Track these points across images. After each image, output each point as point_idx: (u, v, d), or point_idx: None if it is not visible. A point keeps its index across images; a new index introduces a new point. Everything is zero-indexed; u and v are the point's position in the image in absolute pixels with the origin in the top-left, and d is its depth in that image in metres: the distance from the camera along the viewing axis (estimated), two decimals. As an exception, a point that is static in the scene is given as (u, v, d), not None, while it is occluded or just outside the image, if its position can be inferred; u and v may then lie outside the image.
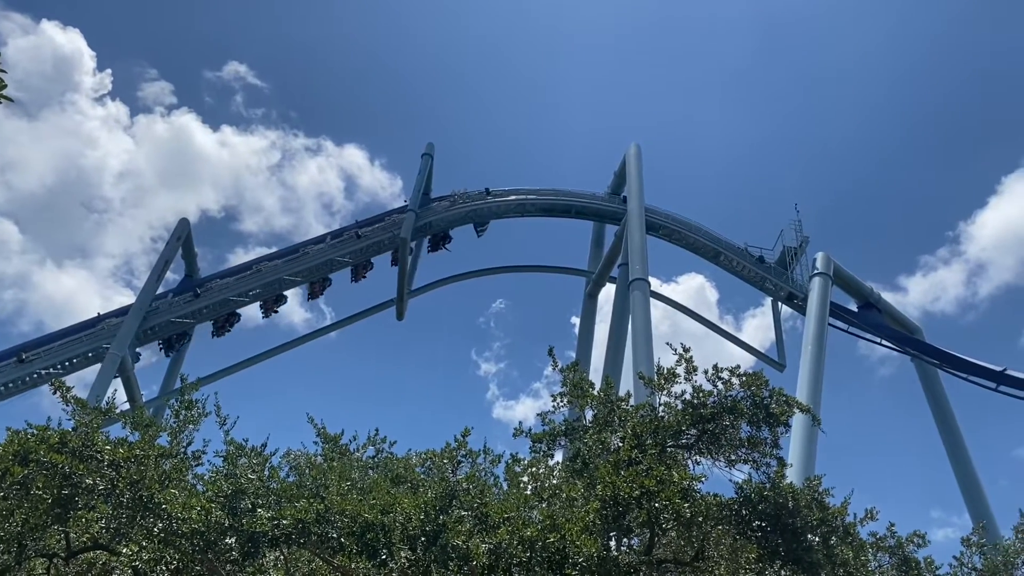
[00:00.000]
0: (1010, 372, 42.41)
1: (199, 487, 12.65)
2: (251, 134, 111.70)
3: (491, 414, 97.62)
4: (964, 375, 43.34)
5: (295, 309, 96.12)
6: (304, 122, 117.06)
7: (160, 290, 40.44)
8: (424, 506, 11.53)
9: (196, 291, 40.58)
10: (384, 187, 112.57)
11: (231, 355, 43.45)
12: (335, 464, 14.10)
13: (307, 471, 13.53)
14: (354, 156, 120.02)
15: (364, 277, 44.30)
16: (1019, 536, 16.03)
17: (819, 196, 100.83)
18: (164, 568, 11.21)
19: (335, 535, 11.12)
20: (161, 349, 40.93)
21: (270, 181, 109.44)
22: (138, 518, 11.37)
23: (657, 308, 39.32)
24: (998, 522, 32.17)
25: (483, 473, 15.42)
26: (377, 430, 17.07)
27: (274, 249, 45.11)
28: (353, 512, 11.22)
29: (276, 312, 43.55)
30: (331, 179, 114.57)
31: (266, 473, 12.31)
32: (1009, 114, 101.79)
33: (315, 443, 15.65)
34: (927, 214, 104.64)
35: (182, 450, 13.74)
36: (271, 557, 13.08)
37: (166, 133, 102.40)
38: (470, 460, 15.10)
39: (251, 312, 43.18)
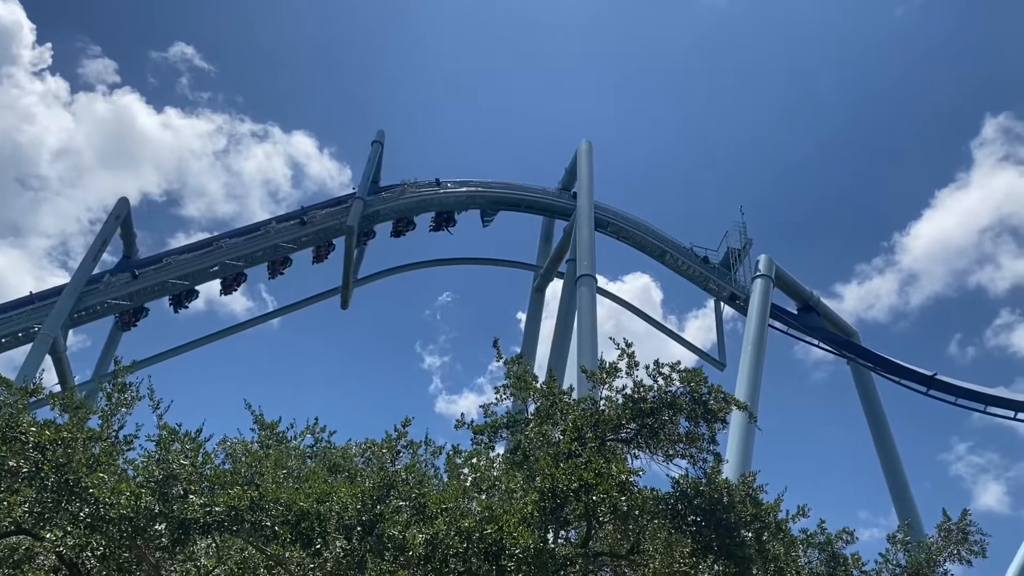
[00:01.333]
0: (940, 377, 43.92)
1: (130, 472, 12.31)
2: (196, 117, 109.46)
3: (434, 408, 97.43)
4: (896, 379, 44.69)
5: (236, 298, 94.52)
6: (251, 107, 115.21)
7: (97, 271, 39.41)
8: (361, 496, 11.41)
9: (134, 272, 39.58)
10: (333, 176, 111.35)
11: (168, 341, 42.49)
12: (271, 452, 13.87)
13: (242, 458, 13.29)
14: (303, 144, 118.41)
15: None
16: (942, 534, 16.51)
17: (763, 201, 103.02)
18: (90, 554, 10.90)
19: (269, 523, 10.93)
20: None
21: (215, 166, 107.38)
22: (64, 503, 11.01)
23: (603, 306, 39.69)
24: (923, 522, 33.18)
25: (424, 464, 15.35)
26: (317, 419, 16.88)
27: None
28: (288, 500, 11.05)
29: (236, 290, 42.82)
30: (278, 166, 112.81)
31: (200, 459, 12.03)
32: (945, 130, 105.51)
33: (252, 430, 15.40)
34: (865, 225, 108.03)
35: (113, 434, 13.36)
36: (203, 544, 12.83)
37: (108, 112, 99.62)
38: (411, 451, 15.02)
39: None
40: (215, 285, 42.04)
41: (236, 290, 43.11)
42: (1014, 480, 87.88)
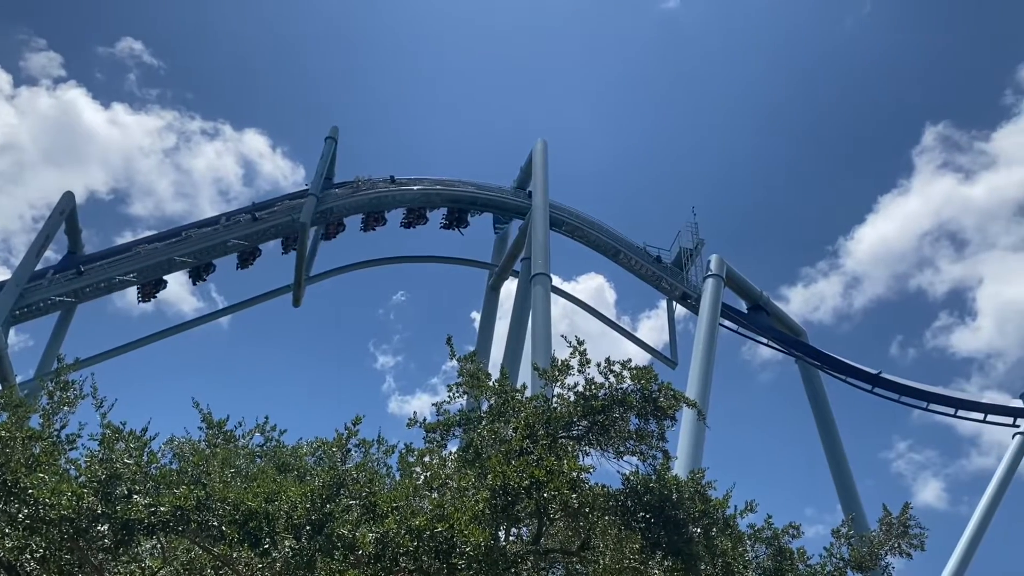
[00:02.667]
0: (885, 375, 45.08)
1: (72, 472, 12.02)
2: (145, 114, 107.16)
3: (387, 408, 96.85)
4: (843, 377, 45.70)
5: (185, 297, 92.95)
6: (202, 104, 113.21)
7: (41, 267, 38.35)
8: (310, 495, 11.30)
9: (79, 268, 38.59)
10: (286, 176, 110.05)
11: (114, 339, 41.59)
12: (219, 450, 13.66)
13: (189, 457, 13.06)
14: (255, 142, 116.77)
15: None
16: (883, 529, 16.90)
17: (714, 204, 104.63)
18: (29, 556, 10.64)
19: (216, 523, 10.76)
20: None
21: (163, 164, 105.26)
22: (1, 504, 10.71)
23: (557, 305, 39.89)
24: (868, 518, 33.98)
25: (375, 463, 15.26)
26: (267, 418, 16.67)
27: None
28: (236, 500, 10.89)
29: (155, 297, 41.98)
30: (229, 165, 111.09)
31: (145, 458, 11.80)
32: (889, 138, 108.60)
33: (199, 429, 15.14)
34: (811, 229, 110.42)
35: (55, 433, 13.03)
36: (147, 545, 12.60)
37: (52, 107, 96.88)
38: (362, 450, 14.91)
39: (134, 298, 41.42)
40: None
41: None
42: (952, 476, 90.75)
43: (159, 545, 12.29)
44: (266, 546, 10.81)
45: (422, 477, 14.99)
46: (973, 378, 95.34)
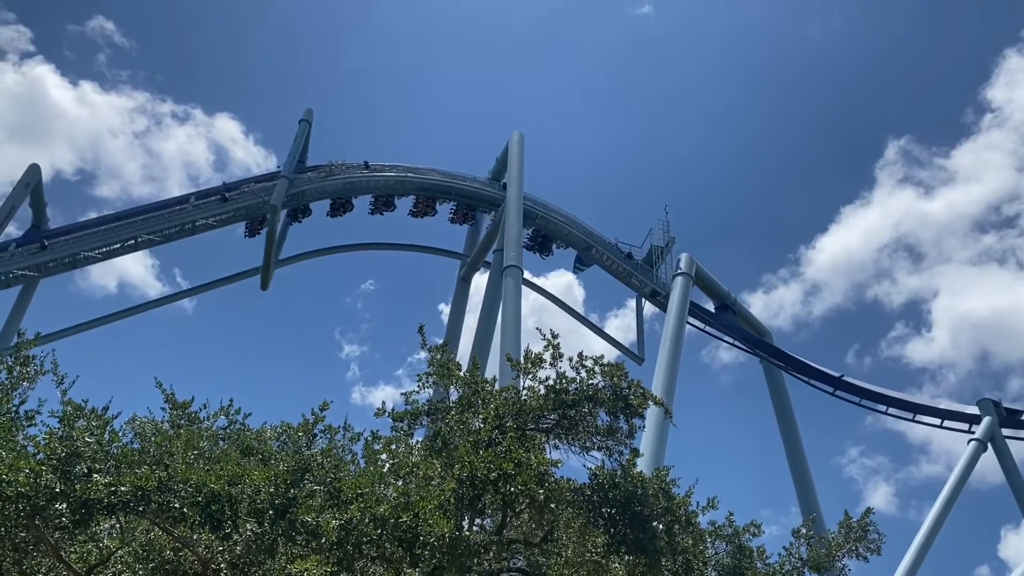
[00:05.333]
0: (846, 378, 45.73)
1: (30, 449, 11.77)
2: (115, 94, 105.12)
3: (349, 398, 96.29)
4: (806, 379, 46.28)
5: (150, 282, 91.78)
6: (173, 87, 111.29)
7: (2, 239, 37.58)
8: (274, 479, 11.17)
9: (43, 242, 37.89)
10: (259, 163, 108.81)
11: (76, 318, 40.73)
12: (182, 431, 13.46)
13: (152, 437, 12.85)
14: (227, 127, 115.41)
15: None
16: (843, 531, 17.16)
17: (682, 207, 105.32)
18: (-17, 534, 10.41)
19: (177, 504, 10.59)
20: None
21: (132, 146, 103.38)
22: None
23: (526, 302, 39.76)
24: (825, 520, 34.44)
25: (341, 450, 15.14)
26: (231, 401, 16.44)
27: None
28: (198, 481, 10.73)
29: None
30: (200, 150, 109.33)
31: (107, 437, 11.58)
32: (853, 150, 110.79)
33: (162, 409, 14.91)
34: (774, 236, 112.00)
35: (13, 409, 12.75)
36: (106, 525, 12.39)
37: (18, 83, 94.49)
38: (328, 436, 14.78)
39: (101, 280, 40.79)
40: (129, 264, 40.67)
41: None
42: (902, 482, 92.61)
43: (118, 525, 12.10)
44: (227, 529, 10.68)
45: (387, 465, 14.91)
46: (925, 387, 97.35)
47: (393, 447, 15.52)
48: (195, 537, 11.08)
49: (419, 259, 51.22)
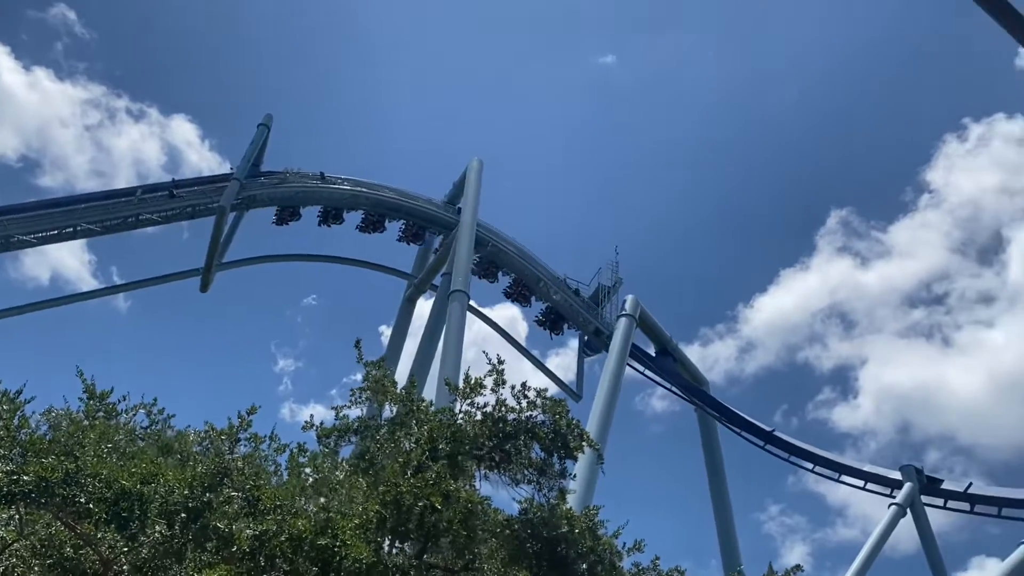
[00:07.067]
0: (777, 433, 46.30)
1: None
2: (70, 84, 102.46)
3: (279, 412, 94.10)
4: (738, 430, 46.69)
5: (85, 277, 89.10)
6: (130, 83, 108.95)
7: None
8: (190, 481, 10.67)
9: (-24, 221, 36.39)
10: (213, 169, 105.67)
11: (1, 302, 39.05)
12: (97, 423, 12.83)
13: (64, 426, 12.21)
14: (183, 129, 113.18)
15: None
16: (768, 584, 17.12)
17: (633, 250, 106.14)
18: None
19: (83, 499, 10.02)
20: None
21: (82, 138, 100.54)
22: None
23: (468, 333, 39.28)
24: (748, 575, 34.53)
25: (264, 460, 14.64)
26: (155, 399, 15.79)
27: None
28: (109, 477, 10.18)
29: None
30: (152, 150, 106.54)
31: (16, 422, 10.96)
32: (798, 216, 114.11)
33: (80, 400, 14.21)
34: (715, 292, 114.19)
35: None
36: (4, 516, 11.69)
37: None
38: (253, 444, 14.27)
39: (33, 270, 39.39)
40: (64, 256, 39.41)
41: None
42: (819, 543, 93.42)
43: (17, 516, 11.42)
44: (134, 530, 10.13)
45: (311, 479, 14.44)
46: (848, 452, 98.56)
47: (318, 461, 15.06)
48: (99, 535, 10.51)
49: (364, 278, 50.76)
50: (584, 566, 14.26)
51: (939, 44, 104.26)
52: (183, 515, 10.40)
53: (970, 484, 42.91)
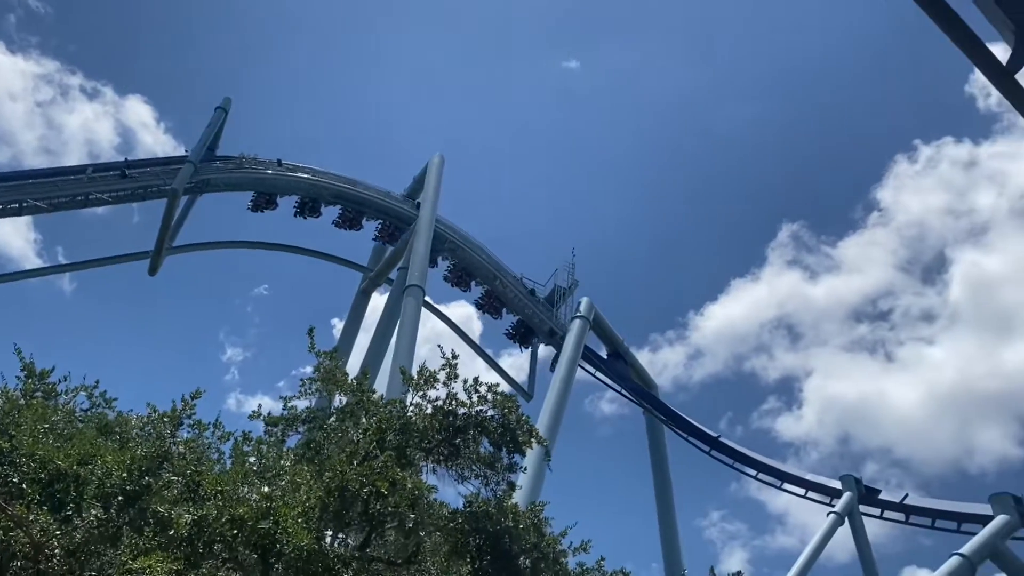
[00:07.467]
0: (723, 440, 46.89)
1: None
2: (22, 57, 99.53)
3: (225, 402, 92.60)
4: (686, 435, 47.19)
5: (29, 256, 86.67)
6: (85, 60, 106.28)
7: None
8: (129, 464, 10.41)
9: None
10: (168, 152, 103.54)
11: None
12: (34, 402, 12.45)
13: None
14: (138, 111, 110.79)
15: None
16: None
17: (590, 254, 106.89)
18: None
19: (17, 479, 9.72)
20: None
21: (33, 114, 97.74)
22: None
23: (422, 330, 39.10)
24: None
25: (207, 447, 14.36)
26: (97, 382, 15.37)
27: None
28: (44, 457, 9.90)
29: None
30: (105, 129, 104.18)
31: (-53, 399, 10.60)
32: (751, 228, 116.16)
33: (17, 378, 13.77)
34: (667, 299, 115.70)
35: None
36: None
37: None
38: (196, 430, 13.99)
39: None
40: (8, 234, 38.24)
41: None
42: (758, 550, 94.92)
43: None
44: (69, 512, 9.85)
45: (255, 467, 14.21)
46: (790, 461, 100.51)
47: (263, 450, 14.83)
48: (31, 518, 10.17)
49: (318, 270, 50.12)
50: (528, 562, 14.26)
51: (895, 66, 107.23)
52: (120, 498, 10.15)
53: (906, 495, 43.91)
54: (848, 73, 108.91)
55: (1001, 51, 7.23)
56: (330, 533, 12.53)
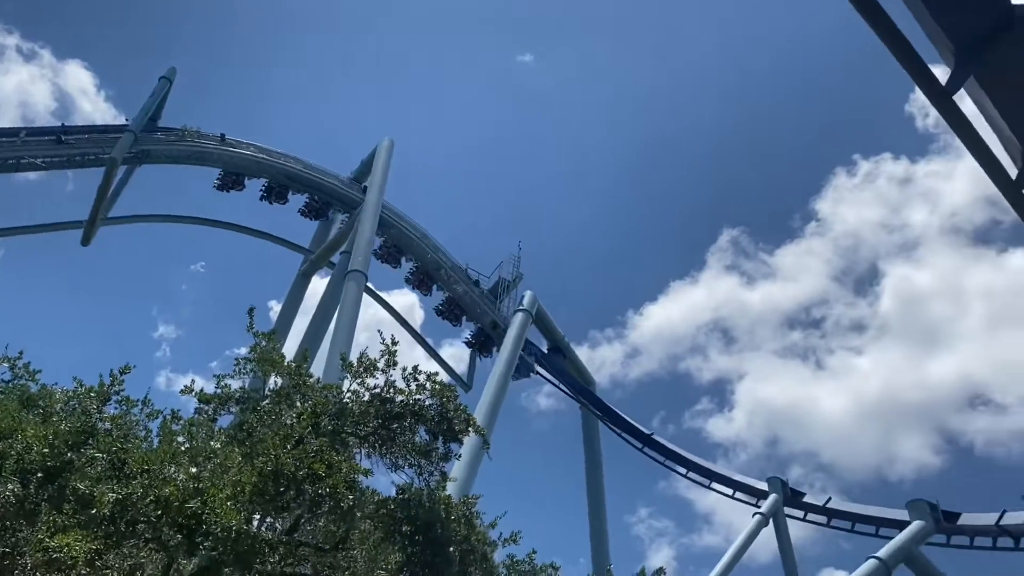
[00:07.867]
0: (655, 437, 47.60)
1: None
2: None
3: (154, 380, 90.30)
4: (620, 431, 47.75)
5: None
6: (24, 20, 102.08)
7: None
8: (52, 438, 10.06)
9: None
10: (108, 121, 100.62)
11: None
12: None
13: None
14: (77, 76, 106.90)
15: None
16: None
17: (534, 247, 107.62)
18: None
19: (-71, 453, 9.33)
20: None
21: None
22: None
23: (362, 316, 38.72)
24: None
25: (134, 425, 13.95)
26: (21, 353, 14.80)
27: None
28: (-40, 430, 9.52)
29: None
30: (42, 93, 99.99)
31: None
32: (693, 230, 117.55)
33: (-64, 349, 13.19)
34: (607, 297, 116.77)
35: None
36: None
37: None
38: (124, 406, 13.59)
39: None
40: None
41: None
42: (684, 547, 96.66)
43: None
44: (-16, 487, 9.49)
45: (184, 446, 13.87)
46: (719, 461, 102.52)
47: (193, 429, 14.50)
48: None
49: (257, 250, 49.21)
50: (457, 553, 14.25)
51: (839, 80, 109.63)
52: (40, 474, 9.80)
53: (829, 499, 45.17)
54: (793, 85, 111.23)
55: (941, 72, 7.47)
56: (258, 517, 12.31)
